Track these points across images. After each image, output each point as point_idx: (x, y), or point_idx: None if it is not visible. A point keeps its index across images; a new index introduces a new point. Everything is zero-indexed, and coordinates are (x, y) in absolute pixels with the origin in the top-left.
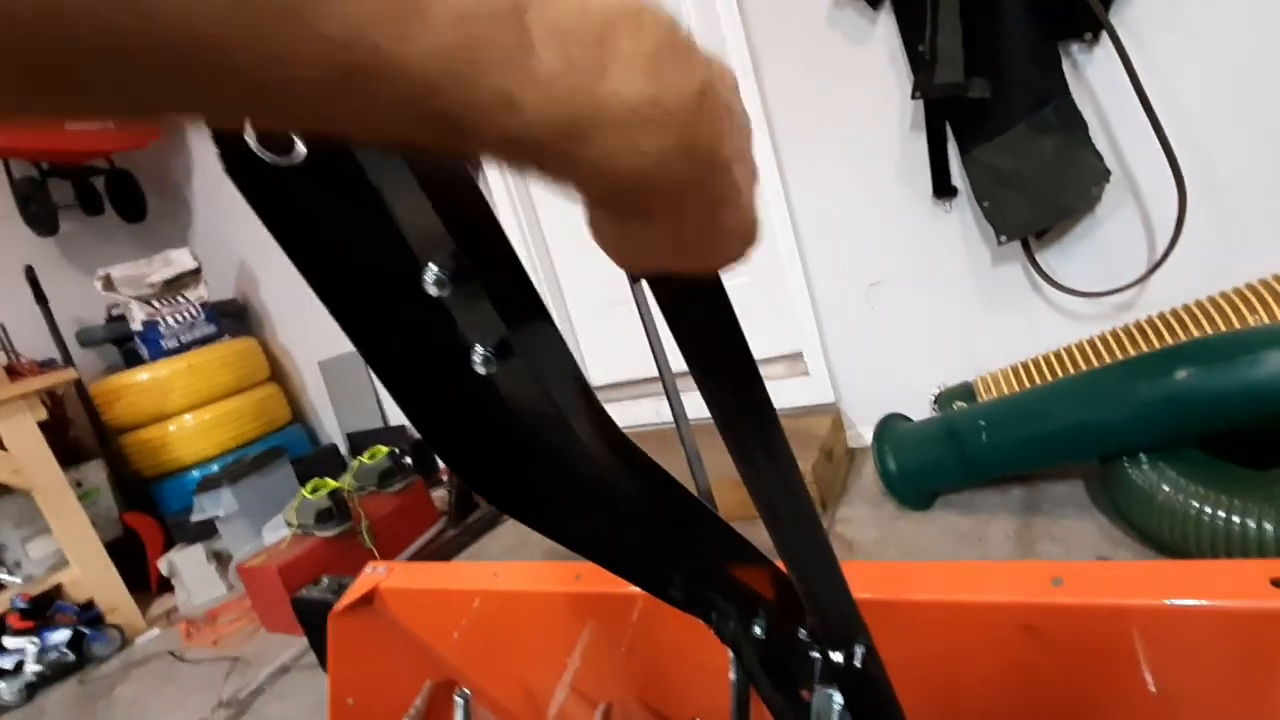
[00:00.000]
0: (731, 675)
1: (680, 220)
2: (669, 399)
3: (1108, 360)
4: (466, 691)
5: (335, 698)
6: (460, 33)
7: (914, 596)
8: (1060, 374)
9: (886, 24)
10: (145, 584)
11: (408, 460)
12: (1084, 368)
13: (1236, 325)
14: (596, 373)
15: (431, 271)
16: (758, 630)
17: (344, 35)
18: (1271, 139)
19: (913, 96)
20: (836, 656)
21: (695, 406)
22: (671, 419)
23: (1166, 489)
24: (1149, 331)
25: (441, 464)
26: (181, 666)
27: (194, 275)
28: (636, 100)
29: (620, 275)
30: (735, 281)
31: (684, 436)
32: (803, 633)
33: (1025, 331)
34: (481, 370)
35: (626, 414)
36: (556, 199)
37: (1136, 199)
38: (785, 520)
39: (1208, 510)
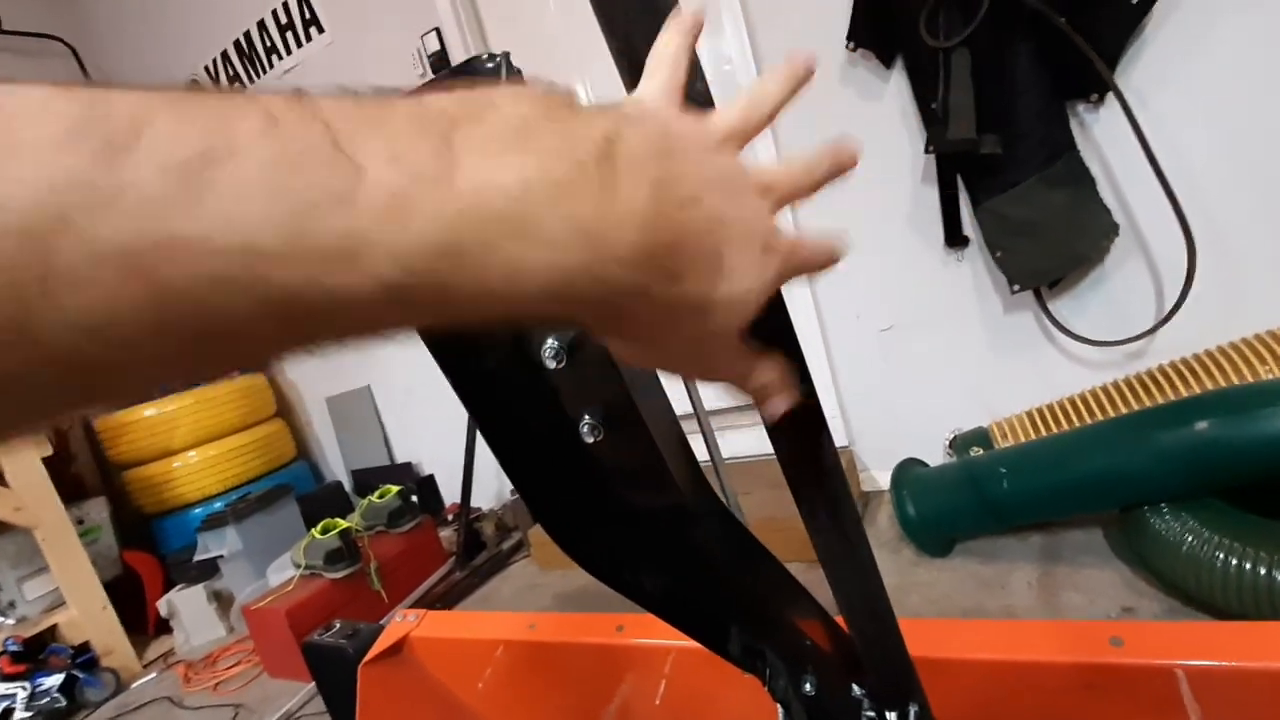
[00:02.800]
0: None
1: (658, 333)
2: (705, 440)
3: (1122, 408)
4: None
5: None
6: (271, 186)
7: (971, 655)
8: (1076, 421)
9: (898, 81)
10: (143, 625)
11: (415, 499)
12: (1099, 415)
13: (1248, 376)
14: None
15: (550, 347)
16: (808, 686)
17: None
18: (1273, 195)
19: (925, 151)
20: (891, 717)
21: (730, 446)
22: (708, 458)
23: (1190, 539)
24: (1162, 380)
25: (448, 503)
26: (181, 714)
27: None
28: (513, 186)
29: None
30: None
31: (720, 478)
32: (856, 690)
33: (1038, 377)
34: (589, 439)
35: None
36: None
37: (1145, 252)
38: (846, 574)
39: (1234, 561)
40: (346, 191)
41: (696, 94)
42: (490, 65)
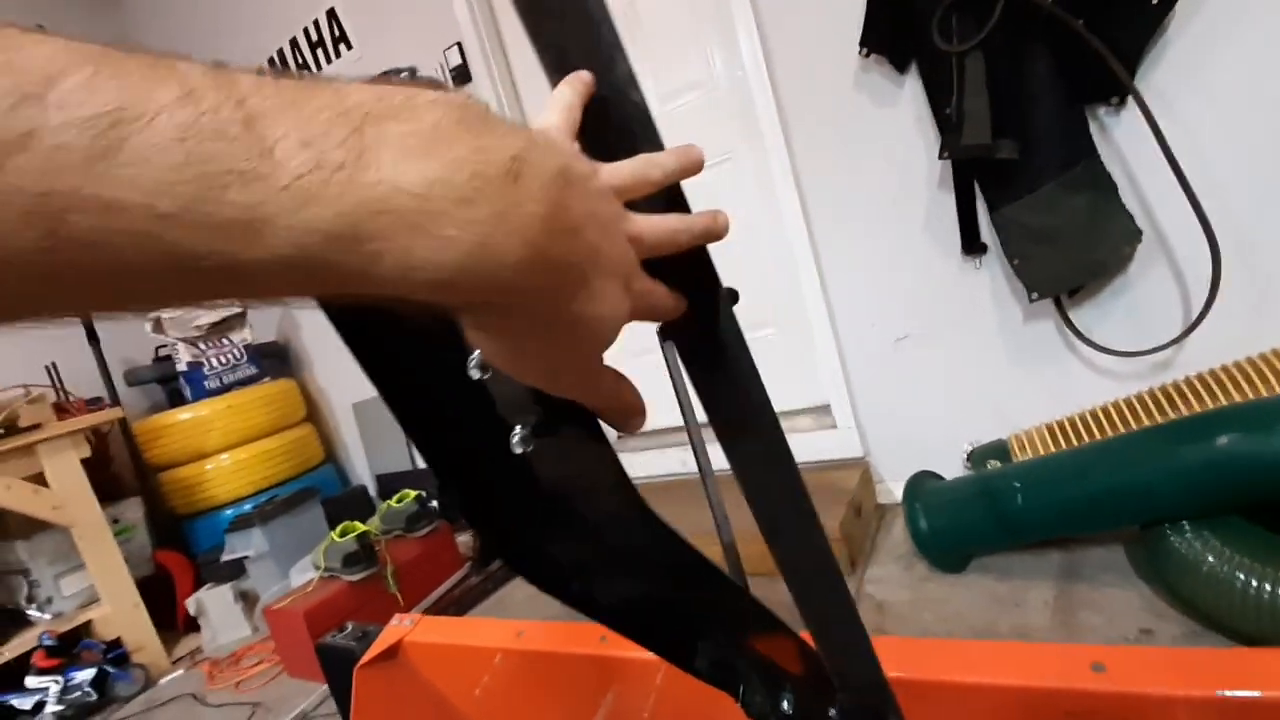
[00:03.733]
0: None
1: (525, 340)
2: (695, 453)
3: (1145, 422)
4: None
5: None
6: (180, 155)
7: (948, 677)
8: (1097, 434)
9: (913, 86)
10: (172, 623)
11: (434, 504)
12: (1121, 428)
13: (1276, 389)
14: None
15: (475, 358)
16: (785, 706)
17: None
18: None
19: (940, 157)
20: None
21: (722, 459)
22: (697, 470)
23: (1211, 559)
24: (1187, 393)
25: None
26: (203, 711)
27: (239, 318)
28: (417, 185)
29: (646, 325)
30: (761, 333)
31: (710, 491)
32: (833, 712)
33: (1059, 389)
34: (519, 450)
35: (652, 465)
36: None
37: (1169, 259)
38: (810, 586)
39: (1254, 582)
40: (251, 169)
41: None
42: (403, 76)
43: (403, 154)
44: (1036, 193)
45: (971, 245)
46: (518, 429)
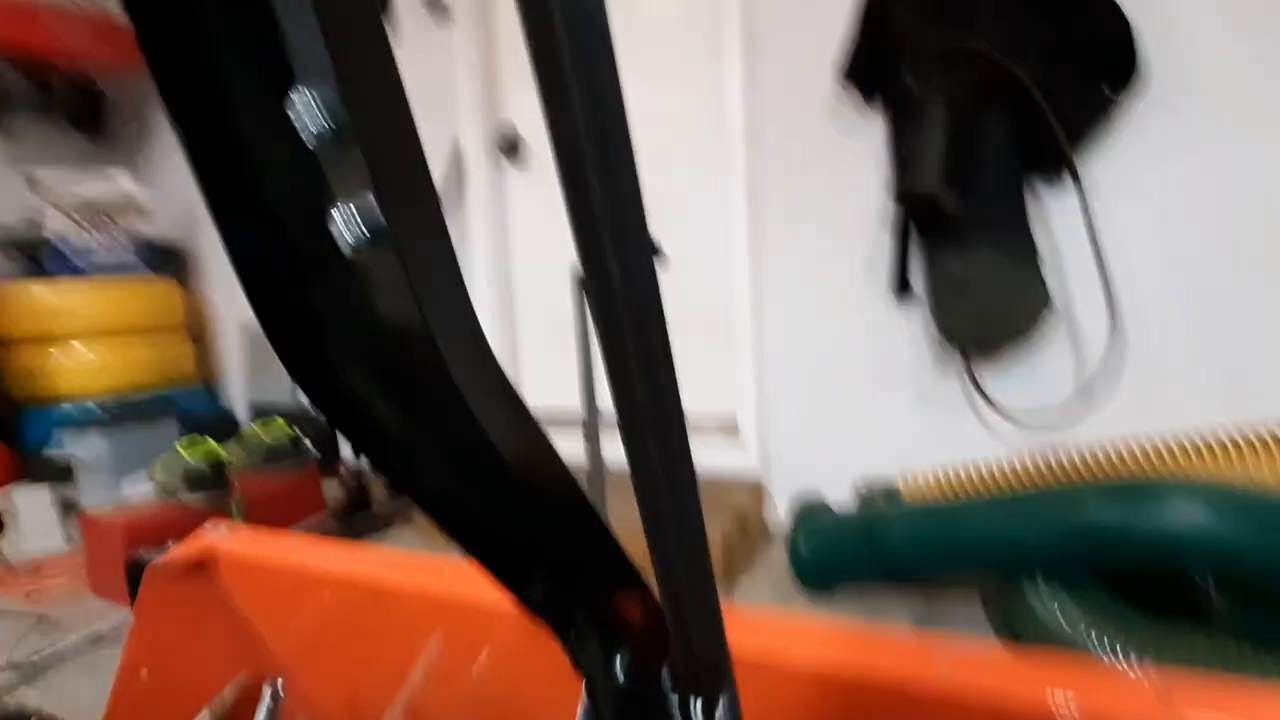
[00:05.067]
0: (580, 710)
1: None
2: (587, 447)
3: (1026, 485)
4: (279, 684)
5: (128, 665)
6: None
7: (795, 655)
8: (980, 489)
9: (878, 125)
10: None
11: (307, 443)
12: (1004, 487)
13: (1149, 473)
14: (535, 391)
15: (302, 94)
16: (618, 666)
17: None
18: (1202, 311)
19: (890, 196)
20: (697, 706)
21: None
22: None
23: (1063, 622)
24: (1067, 467)
25: (344, 455)
26: None
27: (130, 202)
28: None
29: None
30: (684, 330)
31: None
32: (666, 675)
33: (954, 440)
34: (346, 239)
35: (564, 448)
36: (525, 219)
37: (1073, 336)
38: (667, 531)
39: (1101, 645)
40: None
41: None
42: None
43: None
44: (967, 248)
45: (902, 287)
46: (342, 210)
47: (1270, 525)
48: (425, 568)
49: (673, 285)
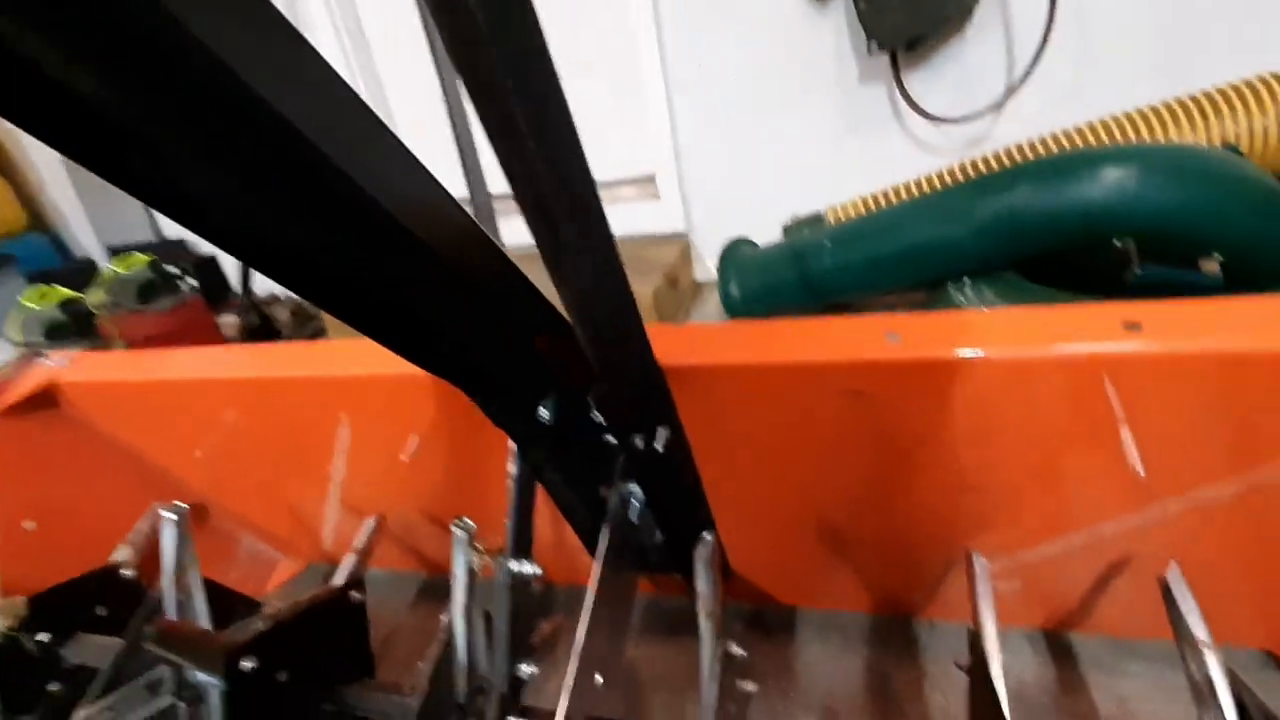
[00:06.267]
0: (511, 469)
1: None
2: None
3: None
4: (181, 507)
5: (3, 520)
6: None
7: (733, 360)
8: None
9: None
10: None
11: (180, 273)
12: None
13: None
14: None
15: None
16: (544, 413)
17: None
18: None
19: None
20: (636, 441)
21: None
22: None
23: (983, 309)
24: (994, 165)
25: (240, 283)
26: None
27: None
28: None
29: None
30: (583, 84)
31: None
32: (597, 416)
33: (882, 161)
34: None
35: None
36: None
37: (1006, 21)
38: (584, 267)
39: None
40: None
41: None
42: None
43: None
44: None
45: None
46: None
47: (1199, 179)
48: (326, 354)
49: (562, 26)
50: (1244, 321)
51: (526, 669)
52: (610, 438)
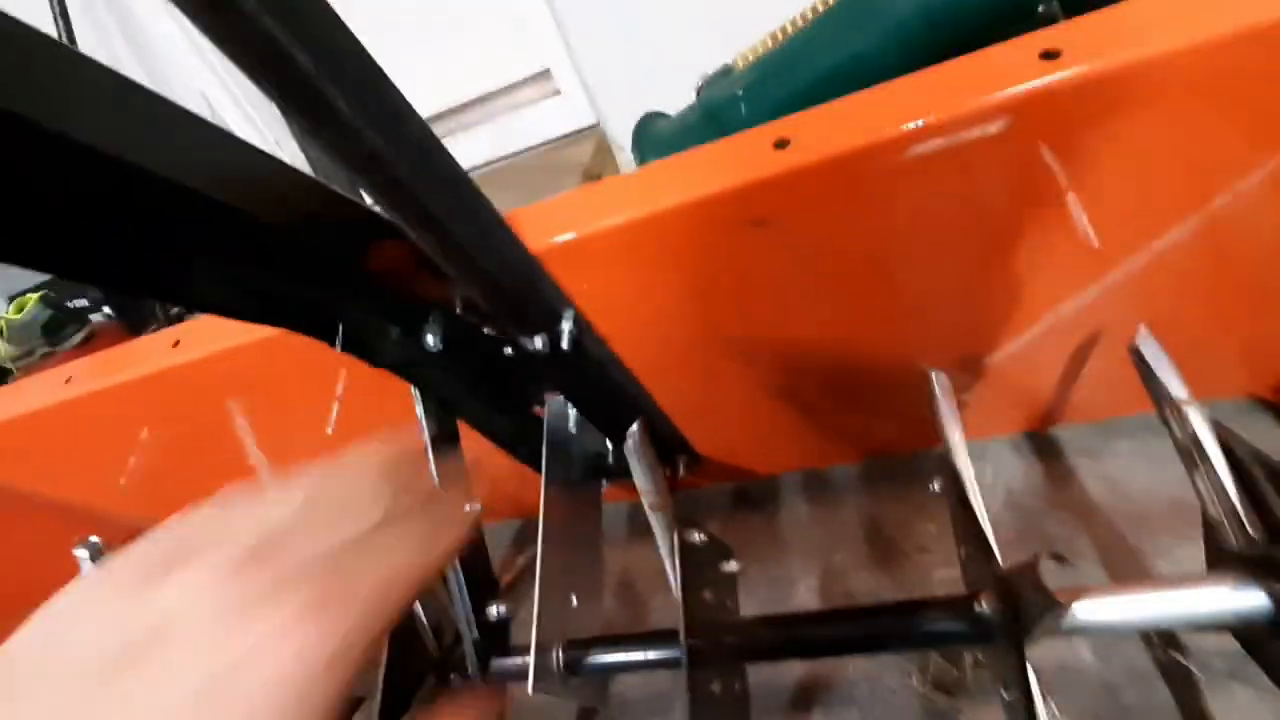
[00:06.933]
0: (417, 410)
1: None
2: None
3: None
4: (95, 542)
5: None
6: None
7: (613, 222)
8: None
9: None
10: None
11: (89, 304)
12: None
13: None
14: None
15: None
16: (430, 340)
17: None
18: None
19: None
20: (538, 343)
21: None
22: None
23: None
24: None
25: (159, 303)
26: None
27: None
28: None
29: None
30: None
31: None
32: (489, 330)
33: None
34: None
35: None
36: None
37: None
38: (409, 160)
39: None
40: None
41: None
42: None
43: None
44: None
45: None
46: None
47: None
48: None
49: None
50: (1179, 13)
51: (495, 610)
52: (508, 349)
